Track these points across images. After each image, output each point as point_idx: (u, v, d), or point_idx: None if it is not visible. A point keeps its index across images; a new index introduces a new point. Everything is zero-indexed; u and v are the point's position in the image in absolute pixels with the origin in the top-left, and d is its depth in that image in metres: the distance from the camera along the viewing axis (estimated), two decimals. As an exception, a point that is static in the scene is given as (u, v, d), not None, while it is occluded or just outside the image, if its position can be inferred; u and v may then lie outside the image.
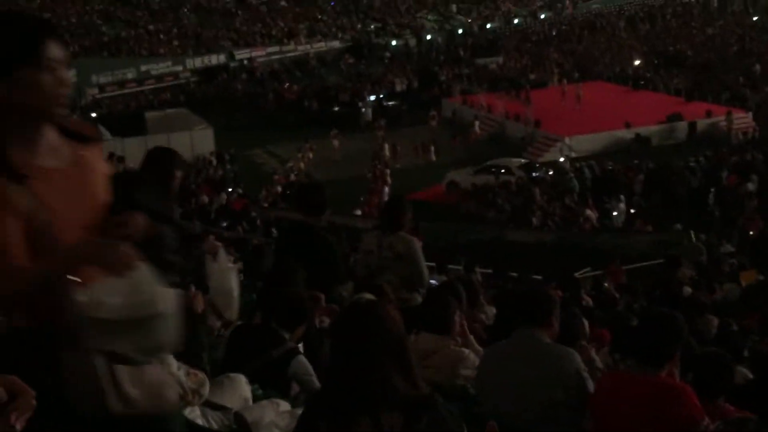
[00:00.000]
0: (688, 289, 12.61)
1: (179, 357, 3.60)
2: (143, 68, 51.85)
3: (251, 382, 4.69)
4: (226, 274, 5.78)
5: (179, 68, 53.10)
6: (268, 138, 41.29)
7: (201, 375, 3.99)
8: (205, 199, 25.73)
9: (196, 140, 36.68)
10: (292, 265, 5.84)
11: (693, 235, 22.78)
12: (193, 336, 4.26)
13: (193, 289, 4.71)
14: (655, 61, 52.39)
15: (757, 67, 48.22)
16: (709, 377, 4.57)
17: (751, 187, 28.21)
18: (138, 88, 50.99)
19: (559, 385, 4.47)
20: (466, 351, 5.37)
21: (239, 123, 43.19)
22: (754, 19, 62.53)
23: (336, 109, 45.06)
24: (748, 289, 14.91)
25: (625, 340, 5.99)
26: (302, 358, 5.04)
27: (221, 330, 5.69)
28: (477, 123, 40.37)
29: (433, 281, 8.27)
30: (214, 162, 35.17)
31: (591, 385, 4.51)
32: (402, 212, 6.79)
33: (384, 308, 3.11)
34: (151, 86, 51.31)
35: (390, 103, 45.83)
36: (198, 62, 53.41)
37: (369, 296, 5.53)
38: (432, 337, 5.28)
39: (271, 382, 4.87)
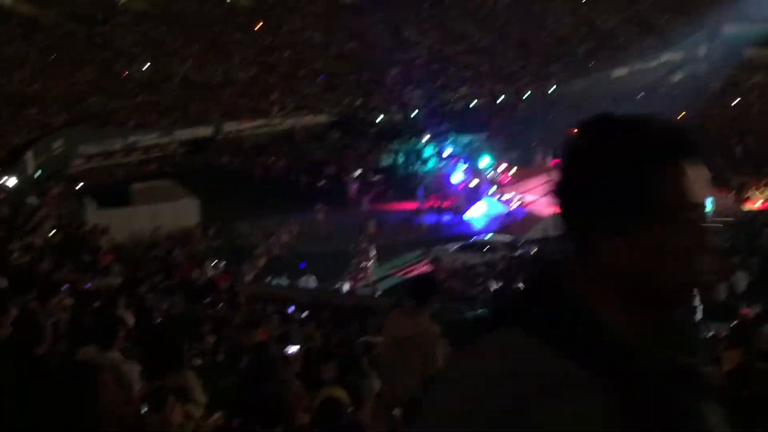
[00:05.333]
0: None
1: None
2: (130, 139, 51.43)
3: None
4: None
5: (166, 140, 52.75)
6: (254, 211, 40.97)
7: None
8: (195, 273, 25.45)
9: (181, 212, 36.34)
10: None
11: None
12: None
13: None
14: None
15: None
16: None
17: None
18: (125, 159, 50.62)
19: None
20: None
21: (226, 195, 42.88)
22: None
23: (321, 183, 44.97)
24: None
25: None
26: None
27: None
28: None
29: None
30: (198, 234, 34.89)
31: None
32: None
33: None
34: (138, 157, 50.97)
35: (376, 178, 45.83)
36: (185, 134, 53.08)
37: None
38: None
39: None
